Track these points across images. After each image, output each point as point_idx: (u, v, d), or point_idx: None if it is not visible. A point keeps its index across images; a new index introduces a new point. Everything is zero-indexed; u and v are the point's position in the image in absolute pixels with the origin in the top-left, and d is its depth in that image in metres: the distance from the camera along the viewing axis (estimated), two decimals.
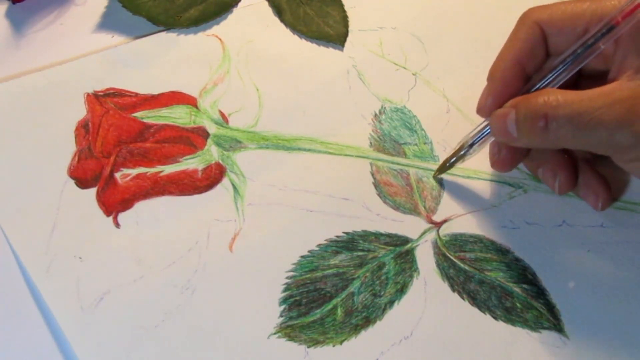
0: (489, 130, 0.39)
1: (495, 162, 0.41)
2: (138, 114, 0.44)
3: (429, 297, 0.38)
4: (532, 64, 0.39)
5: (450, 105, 0.45)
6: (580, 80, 0.39)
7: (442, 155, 0.43)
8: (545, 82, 0.38)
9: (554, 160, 0.40)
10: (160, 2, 0.49)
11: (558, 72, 0.37)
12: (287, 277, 0.38)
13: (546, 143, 0.37)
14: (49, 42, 0.48)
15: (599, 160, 0.41)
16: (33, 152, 0.42)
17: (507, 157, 0.40)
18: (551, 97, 0.36)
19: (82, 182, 0.41)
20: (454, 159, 0.41)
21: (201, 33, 0.48)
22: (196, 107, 0.45)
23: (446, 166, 0.42)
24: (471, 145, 0.40)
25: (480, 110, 0.40)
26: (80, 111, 0.44)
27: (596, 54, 0.37)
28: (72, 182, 0.41)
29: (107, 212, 0.40)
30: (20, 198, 0.40)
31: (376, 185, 0.42)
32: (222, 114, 0.44)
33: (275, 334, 0.36)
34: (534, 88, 0.38)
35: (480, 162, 0.43)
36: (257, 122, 0.44)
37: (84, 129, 0.43)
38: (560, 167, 0.40)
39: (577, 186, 0.41)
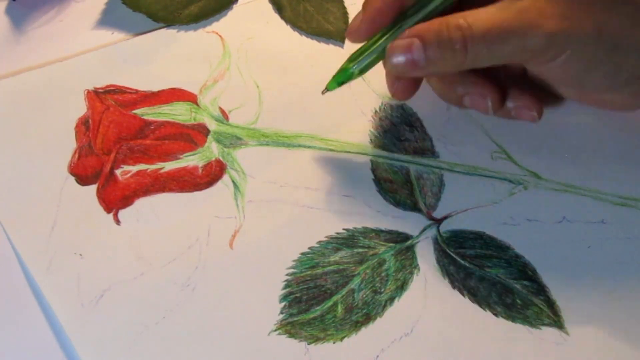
0: (374, 54, 0.40)
1: (396, 90, 0.42)
2: (138, 111, 0.44)
3: (430, 293, 0.38)
4: None
5: None
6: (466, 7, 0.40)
7: (442, 151, 0.43)
8: (428, 13, 0.39)
9: (478, 83, 0.41)
10: None
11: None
12: (287, 274, 0.38)
13: (462, 65, 0.38)
14: (49, 39, 0.48)
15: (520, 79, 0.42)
16: (33, 149, 0.42)
17: (408, 83, 0.41)
18: (460, 19, 0.37)
19: (83, 179, 0.41)
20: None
21: (201, 30, 0.48)
22: (196, 104, 0.45)
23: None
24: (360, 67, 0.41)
25: (351, 34, 0.41)
26: (80, 108, 0.44)
27: None
28: (72, 179, 0.41)
29: (108, 209, 0.40)
30: (20, 195, 0.40)
31: (376, 181, 0.42)
32: (223, 111, 0.44)
33: (275, 330, 0.36)
34: (416, 18, 0.39)
35: (480, 159, 0.43)
36: (258, 119, 0.44)
37: (84, 126, 0.43)
38: (487, 87, 0.41)
39: (506, 107, 0.42)
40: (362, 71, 0.41)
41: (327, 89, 0.41)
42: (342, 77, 0.41)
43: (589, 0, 0.37)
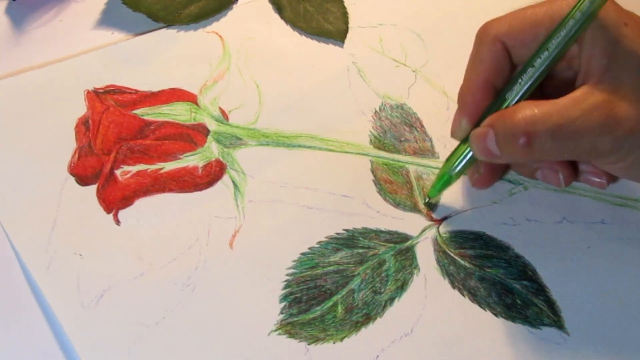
0: (469, 153, 0.38)
1: (476, 181, 0.41)
2: (138, 111, 0.44)
3: (430, 294, 0.38)
4: (499, 79, 0.38)
5: (450, 102, 0.45)
6: (546, 85, 0.39)
7: (442, 152, 0.43)
8: (516, 95, 0.37)
9: (550, 160, 0.40)
10: None
11: (526, 84, 0.37)
12: (287, 274, 0.38)
13: (530, 158, 0.36)
14: (49, 39, 0.48)
15: None
16: (33, 149, 0.42)
17: (487, 174, 0.40)
18: (527, 111, 0.35)
19: (83, 179, 0.41)
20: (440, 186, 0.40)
21: (201, 30, 0.48)
22: (196, 104, 0.45)
23: (435, 195, 0.41)
24: (456, 170, 0.40)
25: (454, 134, 0.40)
26: (80, 108, 0.44)
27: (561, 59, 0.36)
28: (72, 179, 0.41)
29: (108, 209, 0.40)
30: (20, 195, 0.40)
31: (376, 182, 0.42)
32: (223, 111, 0.44)
33: (275, 331, 0.36)
34: (505, 103, 0.37)
35: None
36: (257, 119, 0.44)
37: (84, 126, 0.43)
38: (558, 163, 0.40)
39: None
40: (460, 173, 0.40)
41: (429, 197, 0.41)
42: (442, 185, 0.40)
43: None
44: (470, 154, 0.38)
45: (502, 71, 0.38)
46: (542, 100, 0.35)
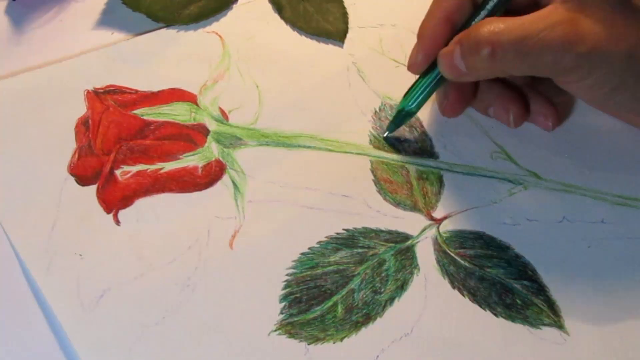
0: (426, 86, 0.41)
1: (445, 108, 0.42)
2: (138, 111, 0.44)
3: (430, 294, 0.38)
4: (460, 17, 0.40)
5: None
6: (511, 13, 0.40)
7: (442, 152, 0.43)
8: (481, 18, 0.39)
9: (503, 96, 0.42)
10: None
11: (486, 14, 0.39)
12: (287, 274, 0.38)
13: (494, 71, 0.38)
14: (49, 39, 0.48)
15: (540, 85, 0.42)
16: (33, 149, 0.42)
17: (455, 100, 0.42)
18: (493, 25, 0.37)
19: (83, 180, 0.41)
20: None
21: (201, 30, 0.48)
22: (196, 104, 0.45)
23: (397, 121, 0.43)
24: (415, 104, 0.42)
25: (411, 67, 0.42)
26: (80, 108, 0.44)
27: None
28: (72, 179, 0.41)
29: (108, 210, 0.40)
30: (20, 195, 0.40)
31: (376, 182, 0.42)
32: (222, 111, 0.44)
33: (275, 331, 0.36)
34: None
35: (480, 159, 0.43)
36: (257, 119, 0.44)
37: (84, 126, 0.43)
38: (510, 101, 0.42)
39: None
40: (419, 105, 0.42)
41: (388, 131, 0.43)
42: (398, 119, 0.42)
43: (626, 18, 0.36)
44: (427, 86, 0.41)
45: (464, 8, 0.40)
46: (505, 17, 0.37)
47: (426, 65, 0.41)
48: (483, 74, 0.39)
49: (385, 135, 0.43)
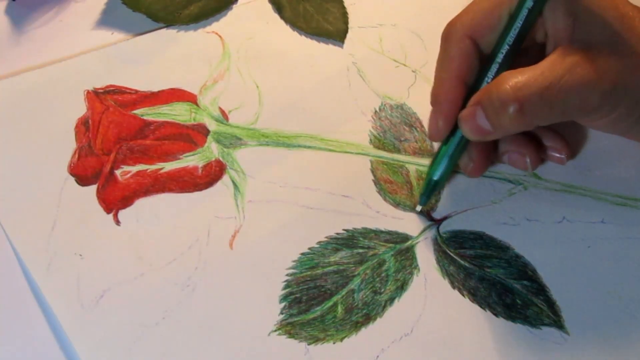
0: (451, 151, 0.39)
1: (471, 171, 0.41)
2: (138, 111, 0.44)
3: (429, 294, 0.38)
4: (470, 75, 0.39)
5: None
6: (516, 63, 0.39)
7: None
8: (494, 75, 0.38)
9: (518, 141, 0.40)
10: None
11: (497, 67, 0.38)
12: (287, 275, 0.38)
13: (523, 126, 0.37)
14: (49, 39, 0.48)
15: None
16: (33, 149, 0.42)
17: (478, 160, 0.40)
18: (513, 80, 0.36)
19: (83, 180, 0.41)
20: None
21: (201, 30, 0.48)
22: (196, 104, 0.45)
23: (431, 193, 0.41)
24: (441, 172, 0.40)
25: (434, 136, 0.40)
26: (80, 108, 0.44)
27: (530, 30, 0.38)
28: (72, 179, 0.41)
29: (108, 210, 0.40)
30: (20, 195, 0.40)
31: (376, 182, 0.42)
32: (222, 111, 0.44)
33: (275, 331, 0.36)
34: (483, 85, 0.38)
35: None
36: (257, 119, 0.44)
37: (84, 126, 0.43)
38: (525, 145, 0.41)
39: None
40: (447, 173, 0.40)
41: (421, 205, 0.41)
42: (429, 190, 0.40)
43: (632, 46, 0.36)
44: (452, 151, 0.39)
45: (472, 66, 0.39)
46: (520, 68, 0.36)
47: (449, 131, 0.39)
48: (512, 130, 0.37)
49: (419, 209, 0.41)
